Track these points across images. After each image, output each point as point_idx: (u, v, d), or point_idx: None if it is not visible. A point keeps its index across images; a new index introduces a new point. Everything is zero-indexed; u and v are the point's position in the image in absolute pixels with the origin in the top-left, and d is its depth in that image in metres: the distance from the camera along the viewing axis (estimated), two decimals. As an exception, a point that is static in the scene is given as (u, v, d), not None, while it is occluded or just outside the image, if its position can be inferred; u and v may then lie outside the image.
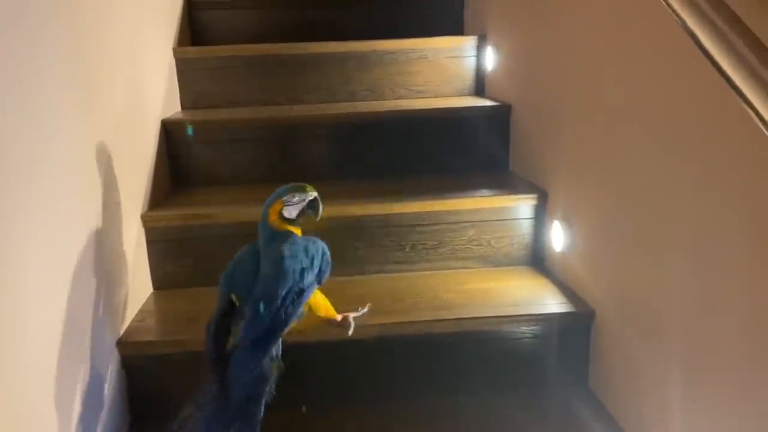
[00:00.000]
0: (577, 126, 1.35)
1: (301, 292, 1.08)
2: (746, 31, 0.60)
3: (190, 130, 1.65)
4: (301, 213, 1.14)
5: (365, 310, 1.24)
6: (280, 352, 1.10)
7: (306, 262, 1.09)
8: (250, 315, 1.05)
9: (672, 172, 1.02)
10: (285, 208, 1.13)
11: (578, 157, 1.36)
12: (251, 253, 1.14)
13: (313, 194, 1.14)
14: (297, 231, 1.16)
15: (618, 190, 1.20)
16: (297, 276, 1.07)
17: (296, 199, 1.13)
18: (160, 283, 1.49)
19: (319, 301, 1.16)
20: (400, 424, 1.24)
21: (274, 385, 1.05)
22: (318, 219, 1.17)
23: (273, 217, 1.14)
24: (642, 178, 1.11)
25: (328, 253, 1.15)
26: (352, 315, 1.22)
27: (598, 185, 1.28)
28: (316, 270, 1.11)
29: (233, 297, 1.11)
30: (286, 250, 1.09)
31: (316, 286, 1.13)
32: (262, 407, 1.03)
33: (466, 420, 1.25)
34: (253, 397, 1.02)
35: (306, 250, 1.11)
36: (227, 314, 1.13)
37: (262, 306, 1.04)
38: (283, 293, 1.06)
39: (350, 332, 1.21)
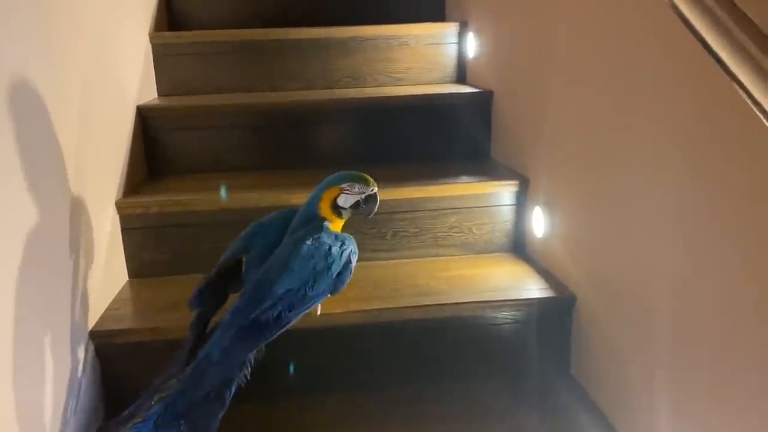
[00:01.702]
0: (559, 112, 1.34)
1: (305, 299, 1.01)
2: (743, 17, 0.59)
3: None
4: (355, 205, 1.11)
5: None
6: None
7: (321, 266, 1.02)
8: (243, 299, 1.01)
9: (655, 157, 1.01)
10: (342, 195, 1.10)
11: (559, 143, 1.35)
12: (283, 220, 1.10)
13: (374, 189, 1.11)
14: (339, 223, 1.12)
15: (599, 175, 1.19)
16: (305, 278, 1.01)
17: (356, 189, 1.10)
18: (136, 271, 1.45)
19: None
20: (381, 411, 1.23)
21: (250, 370, 1.01)
22: (370, 216, 1.13)
23: (324, 203, 1.09)
24: (624, 164, 1.10)
25: (355, 260, 1.08)
26: None
27: (579, 171, 1.27)
28: (332, 277, 1.04)
29: (243, 257, 1.07)
30: (306, 245, 1.02)
31: (327, 295, 1.07)
32: (233, 391, 0.99)
33: (447, 406, 1.24)
34: (227, 380, 0.98)
35: (328, 252, 1.03)
36: (226, 274, 1.08)
37: (252, 294, 1.00)
38: (281, 292, 0.99)
39: (319, 312, 1.19)
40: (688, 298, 0.95)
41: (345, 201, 1.11)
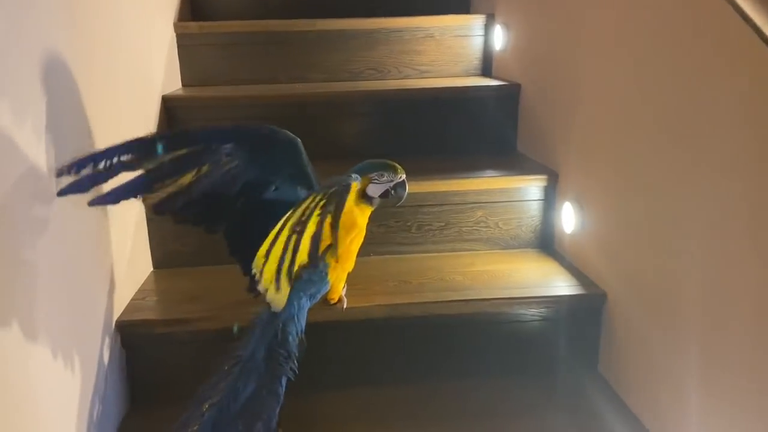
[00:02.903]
0: (592, 106, 1.31)
1: None
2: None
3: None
4: (385, 194, 1.09)
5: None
6: (303, 329, 1.06)
7: None
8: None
9: (690, 154, 0.99)
10: (371, 185, 1.08)
11: (592, 138, 1.32)
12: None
13: (402, 176, 1.09)
14: (368, 211, 1.11)
15: (634, 171, 1.16)
16: None
17: (385, 178, 1.08)
18: (160, 262, 1.45)
19: (340, 276, 1.13)
20: (405, 406, 1.21)
21: (297, 364, 1.00)
22: (400, 203, 1.12)
23: (352, 194, 1.06)
24: (659, 161, 1.07)
25: None
26: (343, 291, 1.22)
27: (612, 167, 1.24)
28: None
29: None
30: None
31: None
32: (284, 385, 0.98)
33: (473, 402, 1.22)
34: (277, 374, 0.97)
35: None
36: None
37: None
38: None
39: (345, 306, 1.20)
40: (721, 298, 0.92)
41: (374, 191, 1.09)
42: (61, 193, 0.92)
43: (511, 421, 1.17)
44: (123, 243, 1.26)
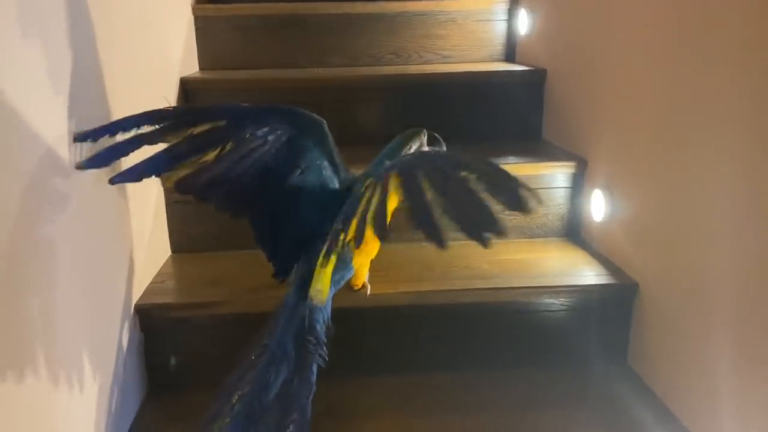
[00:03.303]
0: (624, 91, 1.27)
1: None
2: None
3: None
4: None
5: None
6: (329, 315, 1.03)
7: None
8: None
9: (727, 139, 0.95)
10: None
11: (622, 123, 1.28)
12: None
13: (425, 136, 1.08)
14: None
15: (666, 157, 1.12)
16: None
17: (413, 150, 1.06)
18: (179, 246, 1.42)
19: (364, 262, 1.10)
20: (429, 395, 1.18)
21: (326, 350, 0.97)
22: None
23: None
24: (695, 146, 1.03)
25: None
26: (366, 278, 1.19)
27: (645, 153, 1.20)
28: None
29: None
30: None
31: None
32: (315, 372, 0.95)
33: (498, 394, 1.18)
34: (308, 362, 0.94)
35: None
36: None
37: None
38: None
39: (369, 292, 1.17)
40: (757, 287, 0.88)
41: None
42: (80, 166, 0.88)
43: (538, 413, 1.13)
44: (142, 226, 1.23)
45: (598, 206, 1.36)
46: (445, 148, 1.09)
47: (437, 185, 0.70)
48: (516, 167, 1.45)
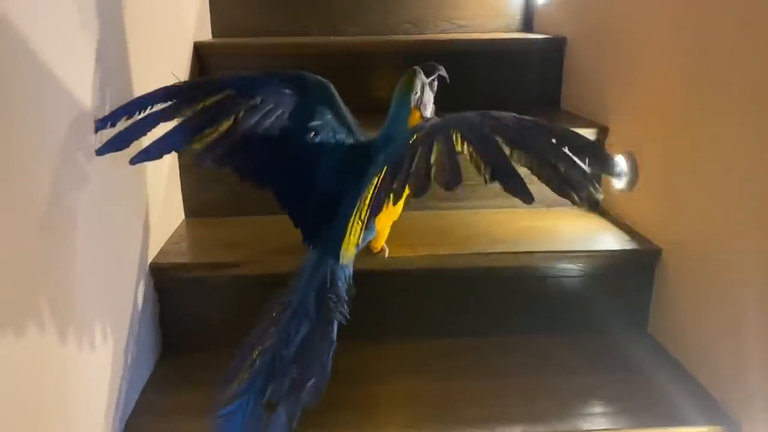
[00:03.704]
0: (649, 57, 1.24)
1: None
2: None
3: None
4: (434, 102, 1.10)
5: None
6: (351, 275, 1.01)
7: None
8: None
9: (752, 101, 0.92)
10: (420, 108, 1.08)
11: (648, 89, 1.25)
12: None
13: (419, 72, 1.09)
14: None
15: (690, 122, 1.10)
16: None
17: (419, 95, 1.08)
18: (192, 210, 1.40)
19: (386, 224, 1.10)
20: (445, 360, 1.16)
21: (348, 309, 0.96)
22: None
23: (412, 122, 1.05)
24: (718, 110, 1.01)
25: None
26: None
27: (670, 119, 1.17)
28: None
29: None
30: None
31: None
32: (336, 329, 0.94)
33: (514, 358, 1.17)
34: (329, 319, 0.93)
35: None
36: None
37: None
38: None
39: (387, 255, 1.16)
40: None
41: (426, 110, 1.09)
42: (101, 151, 0.88)
43: (557, 379, 1.11)
44: (156, 188, 1.21)
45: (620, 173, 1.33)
46: (443, 72, 1.11)
47: (517, 143, 0.73)
48: (535, 135, 1.42)
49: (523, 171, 1.39)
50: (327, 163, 1.07)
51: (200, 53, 1.60)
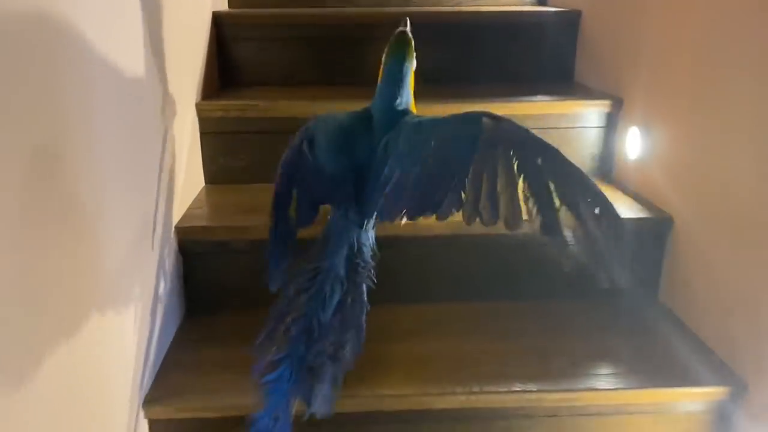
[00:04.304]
0: (665, 30, 1.25)
1: None
2: None
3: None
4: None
5: None
6: (374, 241, 1.04)
7: None
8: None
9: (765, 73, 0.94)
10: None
11: (664, 61, 1.26)
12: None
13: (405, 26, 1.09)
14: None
15: (708, 93, 1.11)
16: None
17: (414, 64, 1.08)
18: (212, 177, 1.43)
19: None
20: (459, 321, 1.20)
21: (374, 273, 0.98)
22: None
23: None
24: (732, 80, 1.03)
25: None
26: None
27: (684, 90, 1.19)
28: None
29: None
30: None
31: None
32: (366, 293, 0.97)
33: (527, 321, 1.20)
34: (358, 282, 0.96)
35: None
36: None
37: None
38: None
39: (403, 221, 1.14)
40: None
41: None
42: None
43: (570, 340, 1.15)
44: (180, 155, 1.24)
45: (633, 144, 1.35)
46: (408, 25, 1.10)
47: (563, 197, 0.79)
48: (549, 105, 1.44)
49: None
50: (337, 138, 1.06)
51: (218, 23, 1.61)
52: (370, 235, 1.03)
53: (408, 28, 1.07)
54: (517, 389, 1.01)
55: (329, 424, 1.00)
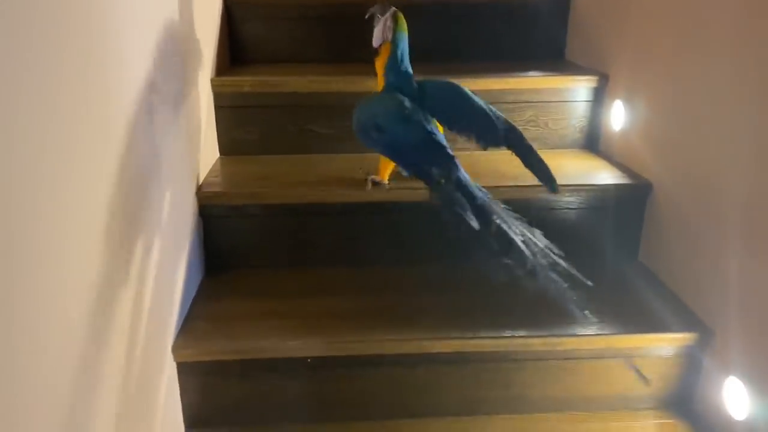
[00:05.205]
0: (648, 8, 1.35)
1: None
2: None
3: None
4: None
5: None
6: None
7: None
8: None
9: (740, 48, 1.04)
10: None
11: (647, 38, 1.37)
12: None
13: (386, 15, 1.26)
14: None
15: (687, 67, 1.21)
16: None
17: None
18: (226, 148, 1.54)
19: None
20: (459, 281, 1.31)
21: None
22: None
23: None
24: (714, 56, 1.13)
25: None
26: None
27: (666, 64, 1.29)
28: None
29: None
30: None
31: None
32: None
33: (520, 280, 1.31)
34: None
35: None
36: None
37: None
38: None
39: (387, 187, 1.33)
40: (763, 186, 0.99)
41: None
42: None
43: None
44: (197, 124, 1.34)
45: (617, 116, 1.46)
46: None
47: None
48: (541, 80, 1.54)
49: (526, 117, 1.51)
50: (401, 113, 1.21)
51: (227, 3, 1.70)
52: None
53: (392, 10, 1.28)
54: (507, 335, 1.13)
55: (341, 366, 1.13)
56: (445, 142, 1.16)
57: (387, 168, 1.31)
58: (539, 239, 1.09)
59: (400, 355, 1.14)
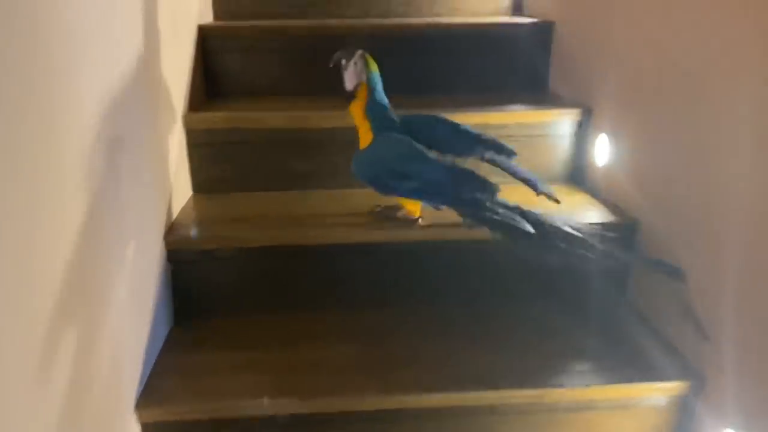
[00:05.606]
0: (626, 39, 1.33)
1: None
2: None
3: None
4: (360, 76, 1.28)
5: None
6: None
7: None
8: None
9: (729, 80, 1.01)
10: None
11: (627, 70, 1.33)
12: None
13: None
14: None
15: (670, 102, 1.18)
16: None
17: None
18: (200, 186, 1.48)
19: None
20: (440, 323, 1.26)
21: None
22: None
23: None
24: (697, 89, 1.09)
25: None
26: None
27: (648, 98, 1.26)
28: None
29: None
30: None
31: None
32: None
33: (516, 324, 1.27)
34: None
35: None
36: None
37: None
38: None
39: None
40: (760, 225, 0.95)
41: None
42: None
43: (547, 342, 1.21)
44: (167, 165, 1.28)
45: (602, 151, 1.42)
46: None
47: None
48: (523, 114, 1.51)
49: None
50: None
51: (203, 35, 1.66)
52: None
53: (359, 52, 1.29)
54: (491, 387, 1.07)
55: (317, 423, 1.06)
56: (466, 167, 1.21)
57: (417, 201, 1.28)
58: (582, 226, 1.18)
59: (379, 411, 1.08)
